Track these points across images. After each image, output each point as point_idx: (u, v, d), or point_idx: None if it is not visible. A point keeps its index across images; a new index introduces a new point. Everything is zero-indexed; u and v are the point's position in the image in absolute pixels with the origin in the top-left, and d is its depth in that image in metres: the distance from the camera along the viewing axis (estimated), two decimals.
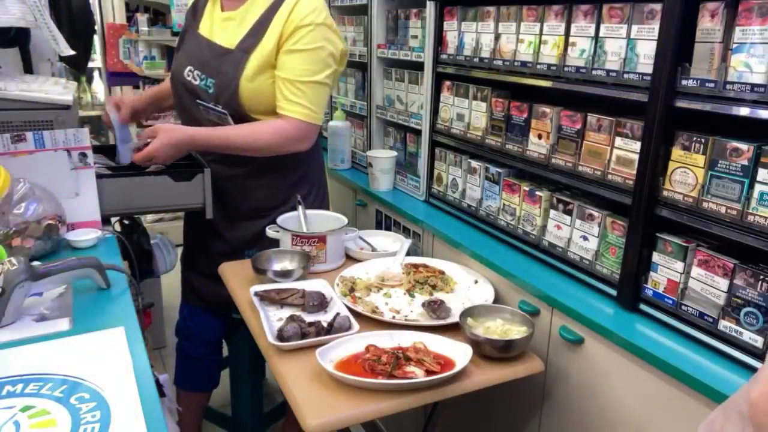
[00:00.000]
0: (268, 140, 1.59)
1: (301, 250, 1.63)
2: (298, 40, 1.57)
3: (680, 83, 1.17)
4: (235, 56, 1.60)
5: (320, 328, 1.30)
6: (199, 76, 1.66)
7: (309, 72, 1.59)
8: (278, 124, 1.60)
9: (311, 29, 1.57)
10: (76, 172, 1.49)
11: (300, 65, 1.58)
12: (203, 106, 1.65)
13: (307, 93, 1.59)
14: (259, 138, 1.59)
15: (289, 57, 1.58)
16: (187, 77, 1.68)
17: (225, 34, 1.65)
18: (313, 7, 1.58)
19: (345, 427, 1.10)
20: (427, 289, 1.55)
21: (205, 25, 1.71)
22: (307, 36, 1.57)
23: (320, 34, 1.59)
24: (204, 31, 1.70)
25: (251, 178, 1.73)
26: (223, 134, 1.59)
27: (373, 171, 2.20)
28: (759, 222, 1.07)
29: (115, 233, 1.57)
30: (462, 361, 1.19)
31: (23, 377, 0.96)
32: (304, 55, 1.58)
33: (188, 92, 1.69)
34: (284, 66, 1.59)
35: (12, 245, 1.31)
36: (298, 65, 1.58)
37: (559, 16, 1.47)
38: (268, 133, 1.59)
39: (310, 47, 1.58)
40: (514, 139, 1.65)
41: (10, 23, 1.61)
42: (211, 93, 1.63)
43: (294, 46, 1.57)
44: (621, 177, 1.33)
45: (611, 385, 1.27)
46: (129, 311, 1.19)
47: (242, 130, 1.60)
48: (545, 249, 1.56)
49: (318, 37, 1.59)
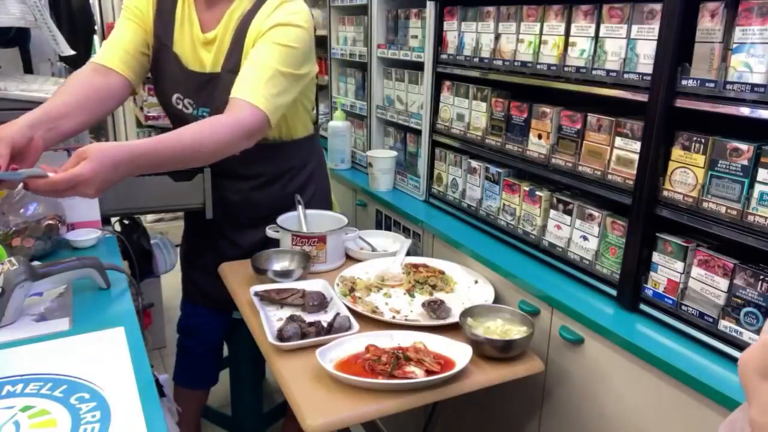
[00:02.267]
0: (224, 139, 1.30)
1: (301, 250, 1.63)
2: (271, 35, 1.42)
3: (680, 83, 1.17)
4: (224, 80, 1.47)
5: (320, 328, 1.30)
6: (191, 104, 1.55)
7: (287, 64, 1.41)
8: (233, 116, 1.33)
9: (295, 29, 1.43)
10: None
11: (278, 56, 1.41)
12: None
13: (275, 84, 1.39)
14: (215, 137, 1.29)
15: (267, 47, 1.41)
16: (177, 105, 1.56)
17: (208, 57, 1.52)
18: (292, 10, 1.45)
19: (345, 427, 1.10)
20: (427, 289, 1.55)
21: (184, 45, 1.53)
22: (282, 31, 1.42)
23: (301, 35, 1.45)
24: (184, 54, 1.53)
25: (257, 190, 1.70)
26: (171, 144, 1.24)
27: (373, 171, 2.20)
28: (759, 222, 1.07)
29: (115, 233, 1.57)
30: (462, 361, 1.19)
31: (23, 377, 0.96)
32: (282, 49, 1.41)
33: (180, 121, 1.54)
34: (260, 54, 1.41)
35: (12, 245, 1.31)
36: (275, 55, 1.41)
37: (559, 16, 1.47)
38: (225, 129, 1.31)
39: (290, 44, 1.42)
40: (514, 139, 1.65)
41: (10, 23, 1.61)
42: None
43: (273, 39, 1.41)
44: (621, 177, 1.33)
45: (611, 385, 1.27)
46: (129, 311, 1.19)
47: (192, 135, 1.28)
48: (545, 249, 1.56)
49: (298, 37, 1.44)
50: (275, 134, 1.64)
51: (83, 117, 1.37)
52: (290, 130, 1.67)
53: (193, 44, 1.53)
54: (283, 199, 1.74)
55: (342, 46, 2.58)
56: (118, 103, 1.53)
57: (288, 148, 1.69)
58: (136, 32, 1.54)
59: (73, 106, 1.34)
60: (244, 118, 1.33)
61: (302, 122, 1.70)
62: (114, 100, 1.49)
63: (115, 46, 1.51)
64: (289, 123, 1.65)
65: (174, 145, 1.24)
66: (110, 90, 1.47)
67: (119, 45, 1.51)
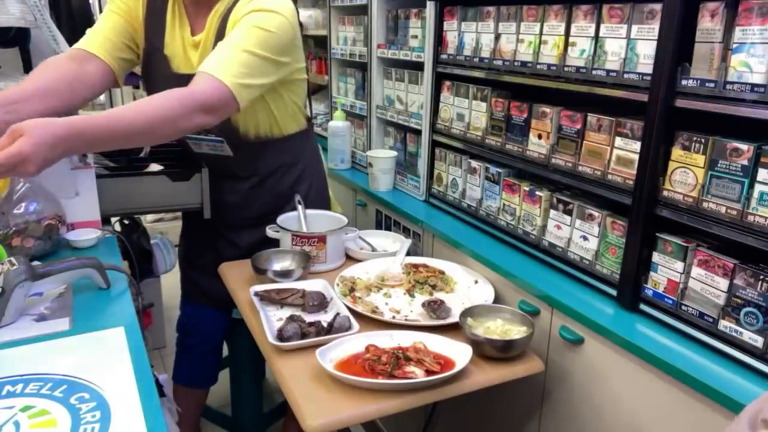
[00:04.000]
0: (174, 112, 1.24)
1: (301, 250, 1.63)
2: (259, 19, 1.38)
3: (680, 83, 1.17)
4: None
5: (320, 328, 1.30)
6: None
7: (263, 47, 1.36)
8: (189, 89, 1.28)
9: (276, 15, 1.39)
10: (75, 172, 1.49)
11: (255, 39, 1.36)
12: (193, 139, 1.57)
13: (247, 63, 1.33)
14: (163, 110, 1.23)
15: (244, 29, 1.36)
16: None
17: (196, 60, 1.51)
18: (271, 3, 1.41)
19: (345, 427, 1.10)
20: (427, 289, 1.55)
21: (175, 48, 1.52)
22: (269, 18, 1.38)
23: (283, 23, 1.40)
24: (175, 58, 1.52)
25: (254, 188, 1.71)
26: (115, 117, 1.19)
27: (373, 171, 2.20)
28: (759, 222, 1.07)
29: (115, 233, 1.57)
30: (462, 361, 1.19)
31: (23, 377, 0.96)
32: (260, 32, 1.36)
33: None
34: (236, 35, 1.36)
35: (12, 245, 1.31)
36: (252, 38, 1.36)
37: (559, 16, 1.47)
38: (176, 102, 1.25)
39: (270, 29, 1.37)
40: (514, 139, 1.65)
41: (10, 23, 1.61)
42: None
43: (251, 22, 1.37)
44: (621, 177, 1.33)
45: (611, 385, 1.27)
46: (129, 311, 1.18)
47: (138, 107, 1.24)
48: (545, 249, 1.56)
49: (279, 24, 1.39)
50: (266, 131, 1.63)
51: (49, 102, 1.31)
52: (280, 127, 1.66)
53: (184, 46, 1.53)
54: (278, 197, 1.74)
55: (342, 46, 2.58)
56: (96, 91, 1.48)
57: (279, 144, 1.69)
58: (119, 23, 1.51)
59: (33, 91, 1.30)
60: (202, 90, 1.27)
61: (293, 118, 1.69)
62: (90, 87, 1.44)
63: (97, 33, 1.49)
64: (278, 119, 1.64)
65: (119, 117, 1.18)
66: (85, 76, 1.42)
67: (101, 32, 1.49)
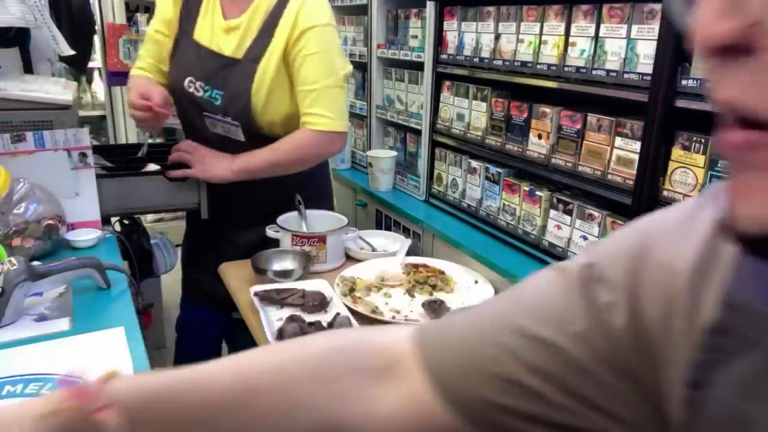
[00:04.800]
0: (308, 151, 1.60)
1: (301, 250, 1.63)
2: (305, 44, 1.53)
3: (680, 83, 1.17)
4: (244, 67, 1.55)
5: (320, 328, 1.30)
6: (203, 87, 1.59)
7: (323, 76, 1.54)
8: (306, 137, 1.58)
9: (317, 31, 1.53)
10: (76, 172, 1.49)
11: (313, 71, 1.54)
12: (210, 118, 1.61)
13: (321, 100, 1.55)
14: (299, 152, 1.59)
15: (301, 65, 1.54)
16: (189, 89, 1.61)
17: (229, 43, 1.58)
18: (317, 7, 1.54)
19: None
20: (427, 289, 1.55)
21: (204, 32, 1.61)
22: (314, 38, 1.53)
23: (327, 35, 1.56)
24: (203, 39, 1.61)
25: (256, 188, 1.69)
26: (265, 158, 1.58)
27: (373, 171, 2.20)
28: None
29: (115, 233, 1.57)
30: None
31: (23, 377, 0.96)
32: (314, 59, 1.53)
33: (192, 104, 1.63)
34: (299, 74, 1.55)
35: (12, 245, 1.31)
36: (310, 72, 1.54)
37: (559, 16, 1.47)
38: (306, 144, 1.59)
39: (318, 50, 1.53)
40: (514, 139, 1.65)
41: (10, 23, 1.61)
42: (218, 104, 1.58)
43: (303, 52, 1.53)
44: (621, 177, 1.33)
45: None
46: (129, 311, 1.18)
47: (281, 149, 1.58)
48: (545, 249, 1.56)
49: (325, 38, 1.55)
50: (278, 131, 1.64)
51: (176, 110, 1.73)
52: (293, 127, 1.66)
53: (213, 30, 1.60)
54: (281, 198, 1.73)
55: (342, 46, 2.58)
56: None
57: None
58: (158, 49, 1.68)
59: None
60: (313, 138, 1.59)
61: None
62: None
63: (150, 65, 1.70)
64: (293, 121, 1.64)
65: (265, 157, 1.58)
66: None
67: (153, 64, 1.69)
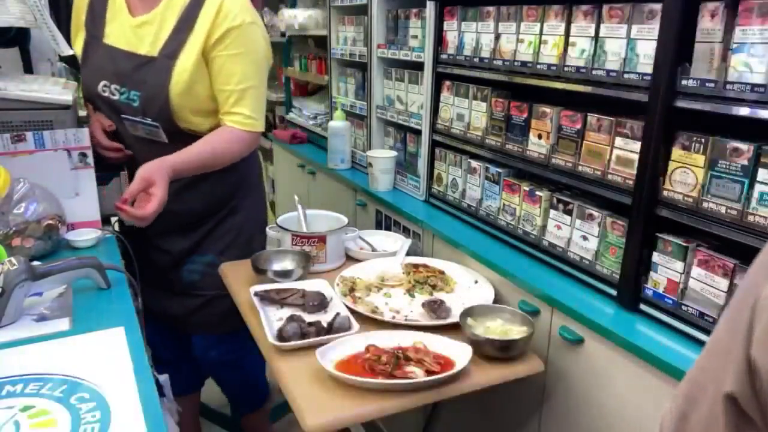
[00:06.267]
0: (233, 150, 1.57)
1: (301, 250, 1.63)
2: (231, 43, 1.48)
3: (680, 83, 1.17)
4: (160, 64, 1.49)
5: (320, 328, 1.30)
6: (118, 90, 1.53)
7: (247, 77, 1.52)
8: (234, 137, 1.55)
9: (243, 30, 1.48)
10: (76, 172, 1.49)
11: (237, 71, 1.50)
12: (129, 120, 1.55)
13: (246, 100, 1.53)
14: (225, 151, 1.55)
15: (225, 63, 1.50)
16: (103, 93, 1.55)
17: (142, 40, 1.51)
18: (240, 4, 1.49)
19: (345, 427, 1.10)
20: (427, 289, 1.55)
21: (113, 33, 1.54)
22: (240, 38, 1.49)
23: (252, 33, 1.51)
24: (113, 41, 1.54)
25: (186, 190, 1.61)
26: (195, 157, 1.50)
27: (373, 171, 2.20)
28: (759, 222, 1.07)
29: (115, 233, 1.57)
30: (462, 361, 1.19)
31: (23, 377, 0.96)
32: (239, 59, 1.50)
33: (109, 108, 1.57)
34: (221, 73, 1.51)
35: (12, 245, 1.31)
36: (235, 72, 1.50)
37: (559, 16, 1.47)
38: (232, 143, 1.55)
39: (243, 50, 1.50)
40: (514, 139, 1.65)
41: (10, 23, 1.61)
42: (136, 106, 1.53)
43: (227, 51, 1.49)
44: (621, 177, 1.33)
45: (611, 385, 1.27)
46: (129, 311, 1.19)
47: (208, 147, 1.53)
48: (545, 249, 1.56)
49: (251, 37, 1.51)
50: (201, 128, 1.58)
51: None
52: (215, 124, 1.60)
53: (122, 30, 1.54)
54: (213, 201, 1.68)
55: (342, 46, 2.58)
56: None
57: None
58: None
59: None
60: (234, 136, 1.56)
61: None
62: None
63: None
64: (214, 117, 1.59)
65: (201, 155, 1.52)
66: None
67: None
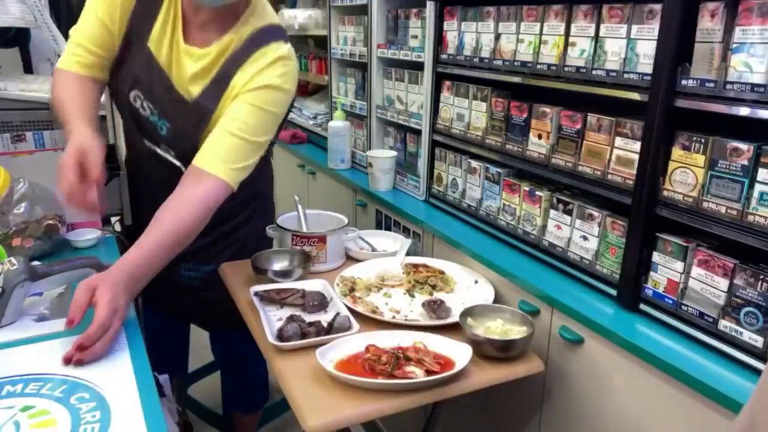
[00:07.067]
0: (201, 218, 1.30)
1: (301, 250, 1.63)
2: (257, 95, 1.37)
3: (680, 83, 1.17)
4: (194, 112, 1.41)
5: (320, 328, 1.30)
6: (150, 107, 1.44)
7: (253, 132, 1.37)
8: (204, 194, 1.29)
9: (274, 91, 1.39)
10: None
11: (249, 121, 1.36)
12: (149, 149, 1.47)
13: (246, 155, 1.36)
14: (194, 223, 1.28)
15: (241, 108, 1.37)
16: (134, 103, 1.44)
17: (183, 71, 1.41)
18: (287, 73, 1.41)
19: (345, 427, 1.10)
20: (427, 289, 1.55)
21: (159, 43, 1.41)
22: (269, 96, 1.38)
23: (281, 100, 1.41)
24: (157, 51, 1.41)
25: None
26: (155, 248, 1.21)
27: (373, 171, 2.20)
28: (759, 222, 1.07)
29: (115, 233, 1.57)
30: (462, 361, 1.19)
31: (23, 377, 0.96)
32: (256, 112, 1.37)
33: (134, 119, 1.47)
34: (237, 116, 1.36)
35: (12, 245, 1.31)
36: (246, 121, 1.36)
37: (559, 16, 1.47)
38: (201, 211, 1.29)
39: (265, 107, 1.38)
40: (514, 139, 1.65)
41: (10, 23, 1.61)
42: (162, 134, 1.45)
43: (250, 99, 1.36)
44: (621, 177, 1.33)
45: (611, 385, 1.27)
46: (129, 311, 1.19)
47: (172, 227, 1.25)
48: (545, 249, 1.56)
49: (278, 101, 1.40)
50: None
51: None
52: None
53: (171, 48, 1.42)
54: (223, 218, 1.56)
55: (342, 46, 2.58)
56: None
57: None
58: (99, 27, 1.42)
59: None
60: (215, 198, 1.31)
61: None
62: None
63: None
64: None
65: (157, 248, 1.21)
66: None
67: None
